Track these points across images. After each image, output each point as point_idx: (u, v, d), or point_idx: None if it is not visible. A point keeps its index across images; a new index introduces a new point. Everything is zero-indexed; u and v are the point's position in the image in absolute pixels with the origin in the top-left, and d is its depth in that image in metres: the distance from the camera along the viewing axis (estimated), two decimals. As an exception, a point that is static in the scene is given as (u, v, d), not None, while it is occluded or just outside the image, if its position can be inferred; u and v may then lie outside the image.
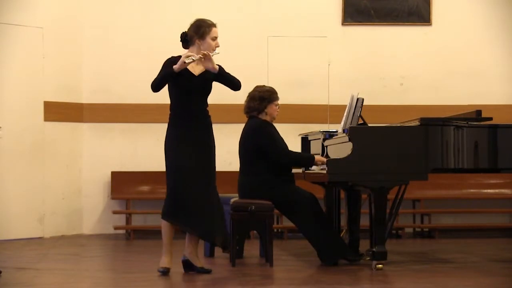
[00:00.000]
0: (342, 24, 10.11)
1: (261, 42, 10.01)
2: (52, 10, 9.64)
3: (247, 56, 9.98)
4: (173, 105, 6.36)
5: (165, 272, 6.28)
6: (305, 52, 10.03)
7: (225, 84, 6.38)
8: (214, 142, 6.39)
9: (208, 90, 6.38)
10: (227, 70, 6.36)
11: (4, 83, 9.21)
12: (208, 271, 6.31)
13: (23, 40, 9.33)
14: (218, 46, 6.34)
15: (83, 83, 9.96)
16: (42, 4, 9.57)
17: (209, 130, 6.38)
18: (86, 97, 9.96)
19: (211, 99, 6.52)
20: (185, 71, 6.24)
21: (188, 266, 6.33)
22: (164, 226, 6.31)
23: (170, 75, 6.19)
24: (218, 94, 9.21)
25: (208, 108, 6.41)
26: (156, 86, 6.24)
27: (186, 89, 6.28)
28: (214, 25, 6.35)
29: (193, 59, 6.18)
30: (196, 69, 6.30)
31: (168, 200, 6.26)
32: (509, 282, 6.20)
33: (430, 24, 10.14)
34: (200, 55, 6.19)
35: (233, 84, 6.35)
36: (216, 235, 6.26)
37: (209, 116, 6.41)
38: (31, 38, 9.38)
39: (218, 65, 6.25)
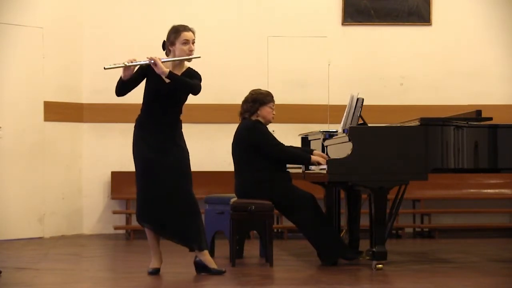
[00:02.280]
0: (342, 24, 10.11)
1: (261, 42, 10.01)
2: (52, 10, 9.64)
3: (247, 56, 9.98)
4: (143, 107, 6.35)
5: (153, 273, 6.27)
6: (305, 52, 10.03)
7: (182, 90, 6.19)
8: (183, 144, 6.27)
9: (178, 100, 6.24)
10: (227, 70, 6.33)
11: (4, 83, 9.22)
12: (221, 272, 6.24)
13: (23, 40, 9.33)
14: (192, 50, 6.22)
15: (83, 83, 9.96)
16: (42, 4, 9.57)
17: (174, 133, 6.24)
18: (86, 97, 9.96)
19: (211, 99, 6.52)
20: (155, 77, 6.18)
21: (200, 267, 6.27)
22: (146, 228, 6.32)
23: (121, 81, 6.20)
24: (218, 94, 9.27)
25: (179, 116, 6.28)
26: (116, 91, 6.30)
27: (154, 96, 6.25)
28: (185, 30, 6.25)
29: (136, 63, 6.08)
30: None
31: (138, 204, 6.32)
32: (509, 282, 6.20)
33: (430, 24, 10.14)
34: (148, 58, 6.07)
35: (188, 87, 6.17)
36: (189, 239, 6.18)
37: (180, 122, 6.29)
38: (31, 38, 9.38)
39: (172, 71, 6.11)
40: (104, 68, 6.06)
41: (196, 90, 6.20)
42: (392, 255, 7.18)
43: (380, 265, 6.50)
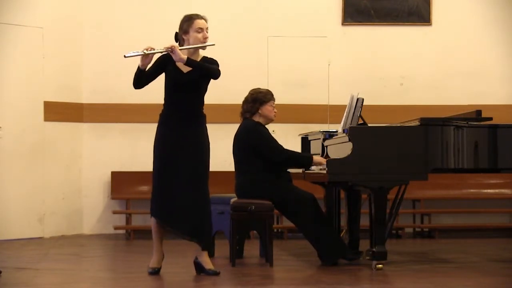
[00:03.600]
0: (342, 24, 10.11)
1: (261, 42, 10.01)
2: (52, 10, 9.64)
3: (247, 56, 9.98)
4: (164, 102, 6.32)
5: (153, 273, 6.26)
6: (305, 52, 10.03)
7: (202, 75, 6.16)
8: (205, 142, 6.26)
9: (198, 88, 6.23)
10: (227, 70, 6.32)
11: (4, 83, 9.22)
12: (216, 273, 6.22)
13: (23, 40, 9.33)
14: (206, 37, 6.22)
15: (83, 83, 9.96)
16: (42, 4, 9.57)
17: (199, 130, 6.25)
18: (86, 97, 9.96)
19: (212, 99, 6.51)
20: (173, 68, 6.19)
21: (199, 267, 6.28)
22: (153, 224, 6.30)
23: (138, 71, 6.16)
24: (218, 94, 9.26)
25: (202, 107, 6.29)
26: (133, 83, 6.25)
27: (174, 87, 6.23)
28: (198, 17, 6.26)
29: (155, 51, 6.06)
30: (184, 66, 6.17)
31: (152, 198, 6.25)
32: (509, 282, 6.20)
33: (430, 24, 10.14)
34: (165, 47, 6.06)
35: (208, 72, 6.15)
36: (203, 237, 6.18)
37: (203, 116, 6.29)
38: (31, 38, 9.38)
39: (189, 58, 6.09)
40: (124, 56, 6.02)
41: (215, 74, 6.18)
42: (392, 255, 7.18)
43: (380, 265, 6.50)
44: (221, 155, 8.96)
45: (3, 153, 9.14)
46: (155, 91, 6.46)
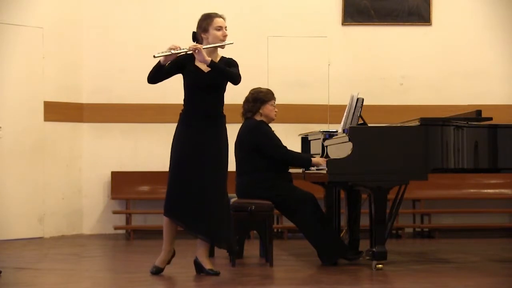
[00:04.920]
0: (342, 24, 10.11)
1: (261, 42, 10.01)
2: (52, 10, 9.64)
3: (247, 56, 9.94)
4: (185, 102, 6.29)
5: (154, 272, 6.25)
6: (305, 52, 10.03)
7: (223, 78, 6.21)
8: (224, 142, 6.26)
9: (218, 88, 6.23)
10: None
11: (4, 83, 9.22)
12: (216, 273, 6.21)
13: (23, 40, 9.33)
14: (225, 36, 6.27)
15: (83, 83, 9.96)
16: (42, 4, 9.57)
17: (218, 130, 6.24)
18: (86, 97, 9.96)
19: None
20: (193, 68, 6.19)
21: (199, 267, 6.27)
22: (165, 222, 6.26)
23: (158, 65, 6.15)
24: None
25: (222, 107, 6.28)
26: (149, 77, 6.22)
27: (194, 86, 6.21)
28: (216, 16, 6.29)
29: (181, 50, 6.07)
30: (204, 66, 6.18)
31: (167, 196, 6.22)
32: (509, 282, 6.20)
33: (430, 24, 10.14)
34: (190, 47, 6.08)
35: (229, 77, 6.18)
36: (219, 237, 6.17)
37: (223, 116, 6.29)
38: (31, 38, 9.38)
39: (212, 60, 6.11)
40: (154, 56, 6.05)
41: (236, 80, 6.19)
42: (392, 255, 7.18)
43: (380, 265, 6.50)
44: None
45: (3, 153, 9.14)
46: (155, 91, 6.47)
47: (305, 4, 10.12)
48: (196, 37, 6.32)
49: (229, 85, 6.28)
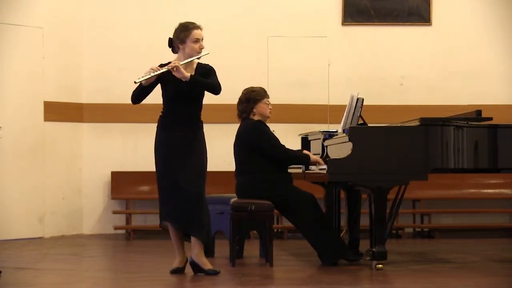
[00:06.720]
0: (342, 24, 10.11)
1: (261, 42, 10.01)
2: (52, 10, 9.64)
3: (247, 56, 9.98)
4: (163, 109, 6.36)
5: (174, 272, 6.29)
6: (305, 52, 10.03)
7: (203, 90, 6.27)
8: (204, 146, 6.32)
9: (198, 97, 6.28)
10: (227, 70, 6.33)
11: (4, 83, 9.22)
12: (216, 272, 6.23)
13: (23, 40, 9.33)
14: (202, 48, 6.28)
15: (83, 83, 9.96)
16: (42, 4, 9.57)
17: (198, 134, 6.30)
18: (86, 97, 9.96)
19: (212, 99, 6.51)
20: (173, 79, 6.18)
21: (196, 267, 6.28)
22: (169, 227, 6.31)
23: (140, 87, 6.23)
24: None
25: (200, 113, 6.32)
26: (133, 99, 6.31)
27: (172, 96, 6.26)
28: (195, 27, 6.28)
29: (160, 71, 6.10)
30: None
31: (159, 203, 6.29)
32: (509, 282, 6.20)
33: (430, 24, 10.14)
34: (169, 67, 6.12)
35: (211, 89, 6.23)
36: (197, 230, 6.18)
37: (201, 121, 6.34)
38: (31, 38, 9.38)
39: (191, 74, 6.15)
40: (135, 82, 6.14)
41: (217, 90, 6.25)
42: (392, 255, 7.18)
43: (380, 265, 6.50)
44: (221, 155, 8.96)
45: (3, 153, 9.14)
46: (155, 91, 6.45)
47: (305, 4, 10.12)
48: (172, 45, 6.35)
49: (228, 85, 6.30)
